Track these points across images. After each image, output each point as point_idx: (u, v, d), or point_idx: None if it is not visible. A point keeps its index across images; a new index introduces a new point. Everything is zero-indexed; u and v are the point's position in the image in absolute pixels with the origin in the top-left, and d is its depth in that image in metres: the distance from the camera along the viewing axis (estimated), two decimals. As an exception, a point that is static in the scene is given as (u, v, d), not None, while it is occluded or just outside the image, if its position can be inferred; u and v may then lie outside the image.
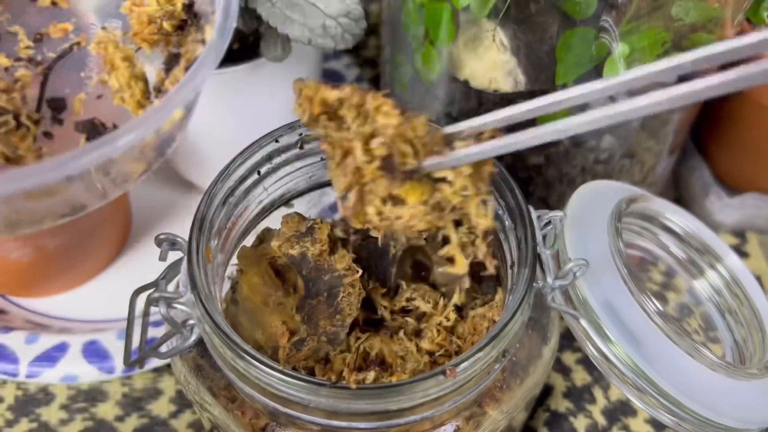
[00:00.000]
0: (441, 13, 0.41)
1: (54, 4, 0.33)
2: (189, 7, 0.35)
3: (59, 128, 0.30)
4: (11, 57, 0.30)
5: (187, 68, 0.30)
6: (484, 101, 0.44)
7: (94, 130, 0.29)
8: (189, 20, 0.34)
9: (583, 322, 0.35)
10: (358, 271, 0.34)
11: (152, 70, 0.34)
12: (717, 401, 0.35)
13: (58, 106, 0.29)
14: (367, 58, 0.66)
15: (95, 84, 0.35)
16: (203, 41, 0.32)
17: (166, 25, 0.34)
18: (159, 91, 0.32)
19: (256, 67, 0.44)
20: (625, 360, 0.34)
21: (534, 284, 0.31)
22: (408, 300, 0.36)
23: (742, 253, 0.54)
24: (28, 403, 0.46)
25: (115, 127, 0.30)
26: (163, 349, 0.33)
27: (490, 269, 0.29)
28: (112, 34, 0.34)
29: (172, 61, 0.33)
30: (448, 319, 0.35)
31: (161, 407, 0.46)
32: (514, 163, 0.46)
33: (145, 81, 0.33)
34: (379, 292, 0.37)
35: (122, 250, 0.53)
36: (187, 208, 0.55)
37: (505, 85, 0.42)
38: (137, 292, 0.33)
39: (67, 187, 0.27)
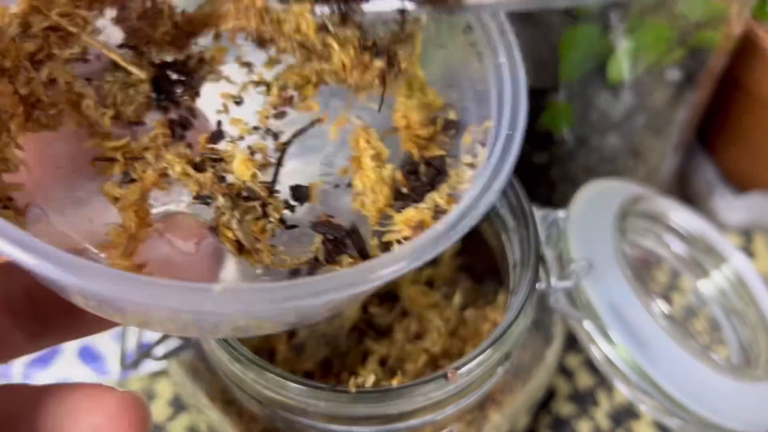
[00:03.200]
0: (442, 9, 0.41)
1: None
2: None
3: (288, 215, 0.25)
4: (249, 124, 0.26)
5: (451, 194, 0.24)
6: (486, 99, 0.44)
7: (331, 230, 0.24)
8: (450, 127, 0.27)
9: (587, 323, 0.35)
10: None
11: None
12: (723, 404, 0.35)
13: (300, 195, 0.25)
14: (367, 56, 0.66)
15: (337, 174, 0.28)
16: (470, 165, 0.26)
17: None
18: (406, 198, 0.26)
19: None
20: (629, 362, 0.34)
21: (537, 286, 0.31)
22: (409, 302, 0.36)
23: (748, 253, 0.54)
24: (24, 405, 0.45)
25: (353, 230, 0.25)
26: (160, 351, 0.32)
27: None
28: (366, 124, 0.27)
29: (429, 175, 0.26)
30: (450, 322, 0.35)
31: (157, 410, 0.45)
32: (517, 161, 0.46)
33: (392, 185, 0.26)
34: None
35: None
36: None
37: (508, 83, 0.42)
38: (133, 294, 0.33)
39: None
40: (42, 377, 0.44)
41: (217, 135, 0.25)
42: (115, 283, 0.18)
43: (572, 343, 0.48)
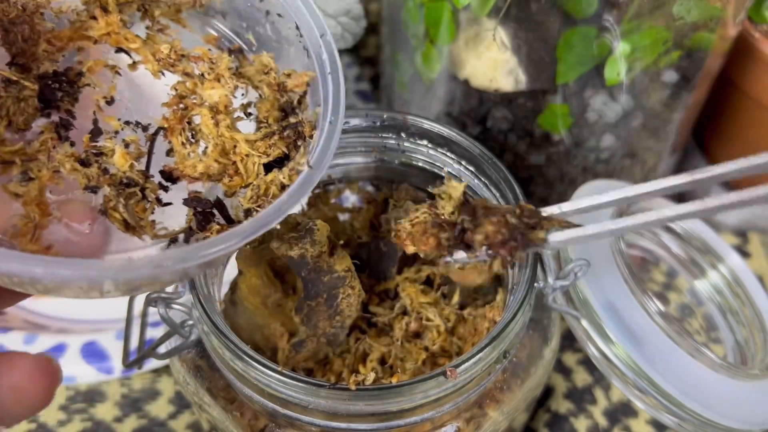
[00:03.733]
0: (441, 11, 0.41)
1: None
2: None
3: (163, 194, 0.29)
4: (122, 120, 0.30)
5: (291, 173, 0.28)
6: (485, 100, 0.44)
7: (199, 204, 0.29)
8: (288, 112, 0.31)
9: (584, 322, 0.35)
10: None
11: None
12: (718, 402, 0.35)
13: (170, 178, 0.29)
14: (366, 57, 0.66)
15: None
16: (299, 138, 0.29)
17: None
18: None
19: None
20: (626, 360, 0.34)
21: (535, 284, 0.31)
22: (408, 301, 0.36)
23: (743, 253, 0.54)
24: (27, 403, 0.46)
25: (218, 203, 0.29)
26: (162, 349, 0.32)
27: None
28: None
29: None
30: (449, 320, 0.35)
31: (160, 408, 0.45)
32: (515, 162, 0.46)
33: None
34: (378, 292, 0.37)
35: (121, 250, 0.53)
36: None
37: (506, 84, 0.42)
38: (136, 293, 0.33)
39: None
40: (45, 375, 0.44)
41: (96, 132, 0.29)
42: (46, 266, 0.22)
43: (570, 341, 0.48)
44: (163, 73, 0.30)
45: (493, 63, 0.41)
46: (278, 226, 0.36)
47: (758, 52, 0.46)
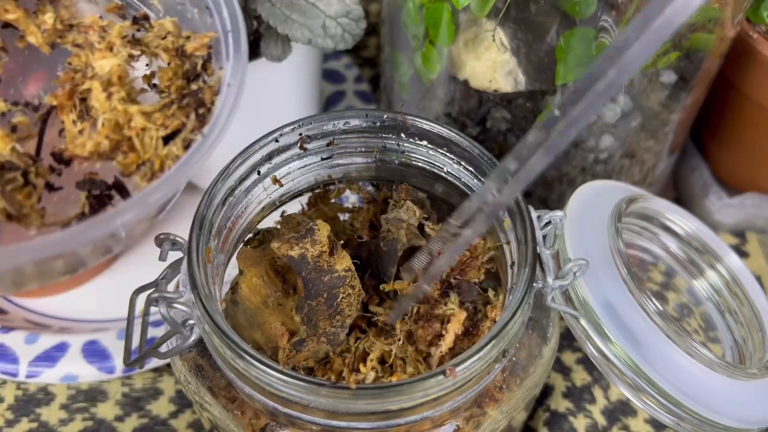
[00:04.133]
0: (441, 13, 0.41)
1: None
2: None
3: (57, 178, 0.27)
4: (8, 101, 0.27)
5: (186, 146, 0.26)
6: (484, 101, 0.44)
7: (94, 186, 0.27)
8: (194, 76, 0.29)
9: (583, 321, 0.35)
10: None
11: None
12: (717, 401, 0.35)
13: (61, 160, 0.27)
14: (366, 57, 0.66)
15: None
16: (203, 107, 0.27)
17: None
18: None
19: (256, 67, 0.44)
20: (624, 360, 0.35)
21: (534, 284, 0.31)
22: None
23: (741, 253, 0.54)
24: (28, 402, 0.46)
25: (116, 184, 0.27)
26: (163, 348, 0.33)
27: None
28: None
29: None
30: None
31: (161, 407, 0.46)
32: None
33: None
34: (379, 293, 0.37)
35: (122, 250, 0.53)
36: (187, 208, 0.55)
37: (505, 85, 0.42)
38: (137, 292, 0.33)
39: (71, 254, 0.26)
40: (48, 375, 0.44)
41: None
42: None
43: (569, 340, 0.48)
44: (52, 46, 0.27)
45: (493, 64, 0.41)
46: (278, 226, 0.37)
47: (756, 53, 0.46)
